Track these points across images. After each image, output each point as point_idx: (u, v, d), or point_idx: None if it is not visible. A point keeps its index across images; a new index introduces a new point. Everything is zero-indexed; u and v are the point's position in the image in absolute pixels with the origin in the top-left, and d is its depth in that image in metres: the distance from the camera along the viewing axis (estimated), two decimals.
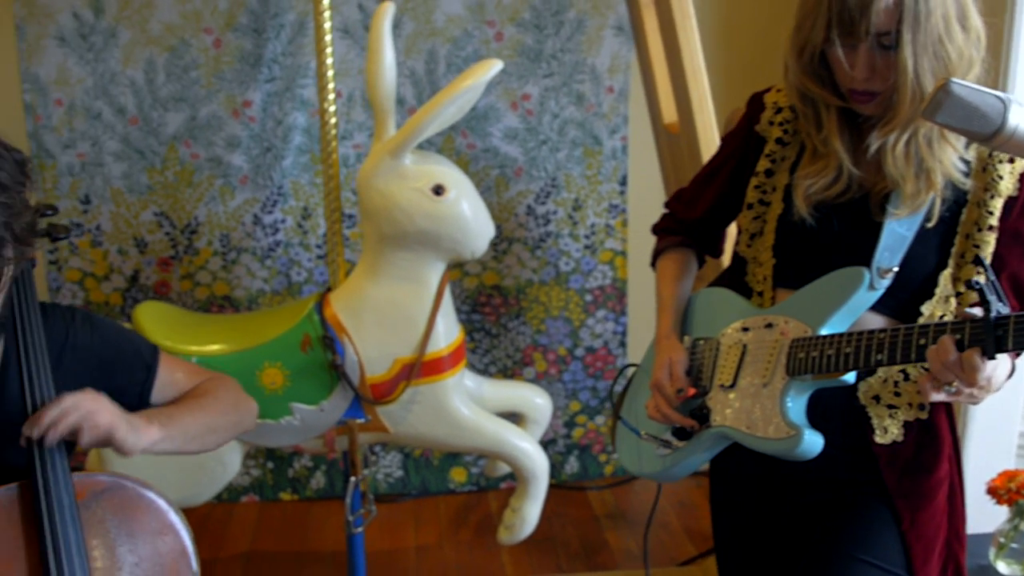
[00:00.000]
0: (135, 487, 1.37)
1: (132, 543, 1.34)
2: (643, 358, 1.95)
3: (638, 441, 1.81)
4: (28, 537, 1.26)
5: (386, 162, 2.20)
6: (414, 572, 2.98)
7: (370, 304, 2.28)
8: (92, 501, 1.32)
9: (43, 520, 1.25)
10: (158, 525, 1.37)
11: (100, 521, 1.32)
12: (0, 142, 1.24)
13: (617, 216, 3.28)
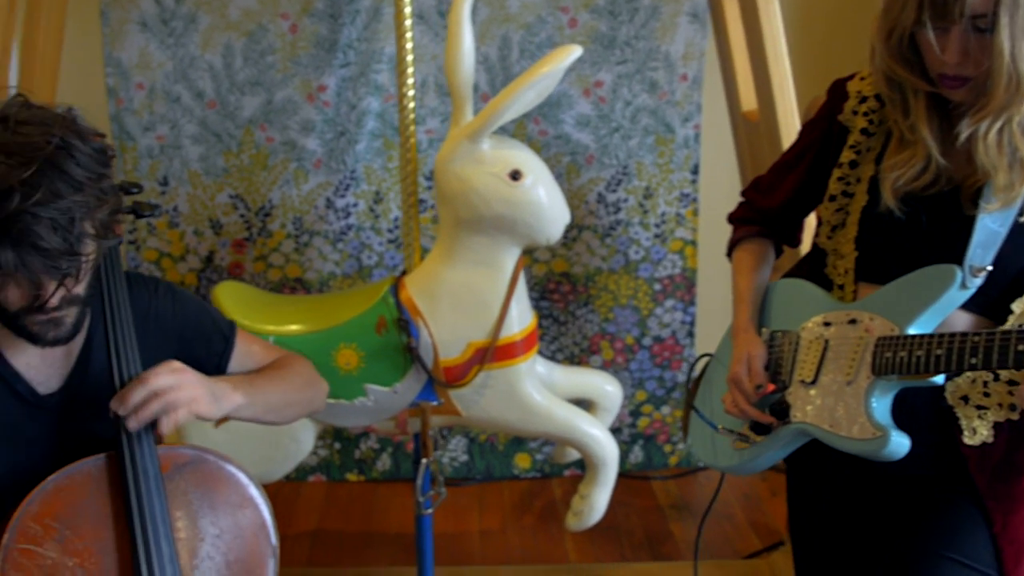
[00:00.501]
0: (216, 460, 1.39)
1: (213, 515, 1.37)
2: (717, 348, 1.93)
3: (713, 433, 1.80)
4: (115, 506, 1.29)
5: (464, 147, 2.21)
6: (478, 556, 3.00)
7: (445, 288, 2.29)
8: (175, 473, 1.35)
9: (130, 490, 1.28)
10: (238, 498, 1.39)
11: (183, 493, 1.35)
12: (79, 129, 1.24)
13: (688, 205, 3.25)
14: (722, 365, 1.84)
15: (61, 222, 1.16)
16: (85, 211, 1.20)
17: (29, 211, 1.14)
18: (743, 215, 1.84)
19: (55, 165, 1.16)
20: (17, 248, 1.15)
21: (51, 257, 1.17)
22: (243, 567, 1.37)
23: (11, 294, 1.21)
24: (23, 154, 1.14)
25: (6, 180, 1.13)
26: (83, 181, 1.19)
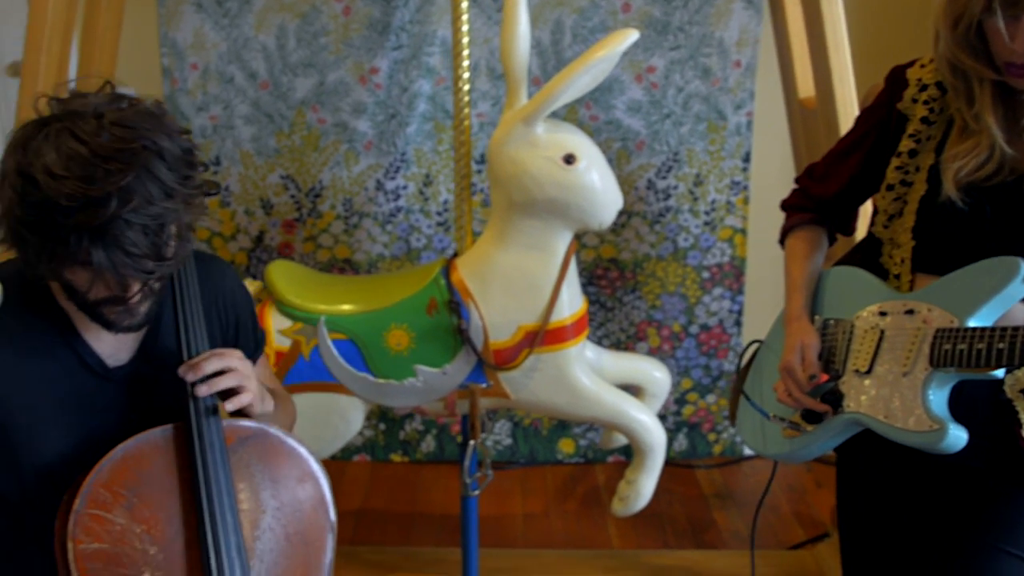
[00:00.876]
0: (278, 435, 1.41)
1: (275, 488, 1.39)
2: (768, 335, 1.92)
3: (763, 421, 1.79)
4: (181, 476, 1.31)
5: (518, 130, 2.21)
6: (521, 539, 3.02)
7: (497, 270, 2.30)
8: (239, 446, 1.37)
9: (196, 460, 1.30)
10: (299, 473, 1.41)
11: (246, 465, 1.37)
12: (169, 128, 1.24)
13: (739, 193, 3.23)
14: (772, 353, 1.83)
15: (152, 227, 1.19)
16: (174, 216, 1.22)
17: (124, 217, 1.16)
18: (797, 202, 1.83)
19: (149, 170, 1.18)
20: (108, 250, 1.17)
21: (139, 260, 1.19)
22: (302, 540, 1.39)
23: (97, 288, 1.24)
24: (120, 159, 1.16)
25: (103, 187, 1.14)
26: (174, 187, 1.21)
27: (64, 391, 1.34)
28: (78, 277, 1.23)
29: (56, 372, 1.33)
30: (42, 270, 1.22)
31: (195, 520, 1.30)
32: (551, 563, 2.81)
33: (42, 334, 1.33)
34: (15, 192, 1.18)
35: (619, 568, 2.77)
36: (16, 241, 1.22)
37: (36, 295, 1.34)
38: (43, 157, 1.15)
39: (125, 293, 1.24)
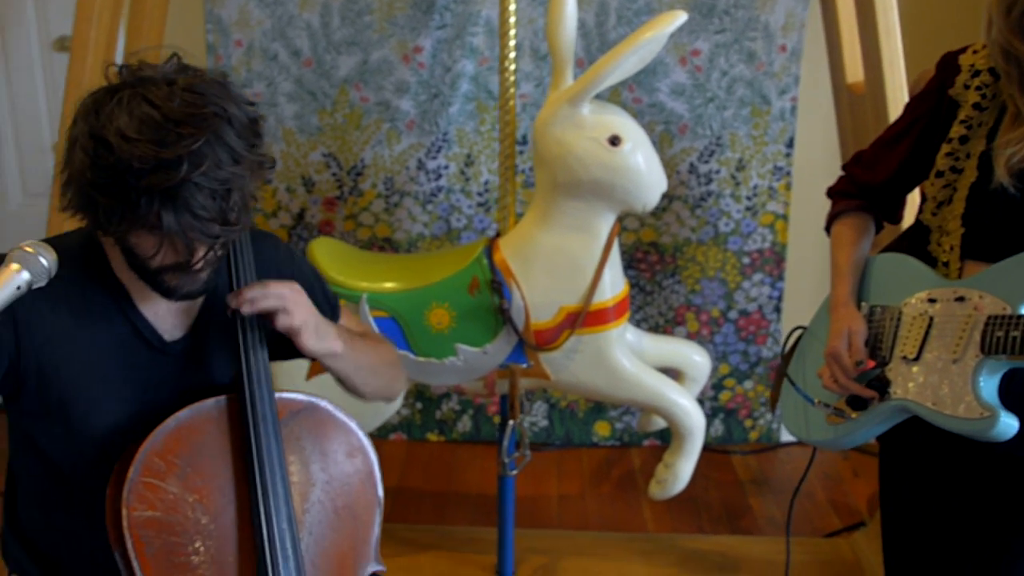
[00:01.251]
0: (329, 409, 1.42)
1: (324, 462, 1.40)
2: (812, 321, 1.91)
3: (806, 407, 1.78)
4: (234, 447, 1.33)
5: (564, 110, 2.21)
6: (556, 520, 3.03)
7: (539, 251, 2.30)
8: (290, 419, 1.38)
9: (249, 431, 1.32)
10: (349, 447, 1.42)
11: (297, 439, 1.38)
12: (235, 97, 1.25)
13: (781, 179, 3.20)
14: (816, 339, 1.82)
15: (220, 192, 1.20)
16: (240, 183, 1.23)
17: (193, 180, 1.17)
18: (844, 189, 1.81)
19: (219, 136, 1.19)
20: (178, 213, 1.18)
21: (207, 224, 1.20)
22: (350, 514, 1.40)
23: (162, 253, 1.25)
24: (191, 124, 1.17)
25: (175, 149, 1.16)
26: (242, 153, 1.22)
27: (120, 363, 1.36)
28: (144, 242, 1.24)
29: (114, 344, 1.35)
30: (111, 233, 1.24)
31: (246, 491, 1.31)
32: (586, 545, 2.82)
33: (101, 306, 1.34)
34: (87, 155, 1.19)
35: (654, 551, 2.78)
36: (85, 204, 1.24)
37: (94, 267, 1.35)
38: (116, 121, 1.17)
39: (190, 258, 1.25)
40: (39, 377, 1.31)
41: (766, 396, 3.42)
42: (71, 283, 1.32)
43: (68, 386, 1.33)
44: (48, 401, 1.33)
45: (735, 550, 2.81)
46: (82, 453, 1.37)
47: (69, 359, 1.32)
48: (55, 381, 1.32)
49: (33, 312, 1.29)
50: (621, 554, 2.76)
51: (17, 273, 1.14)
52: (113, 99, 1.19)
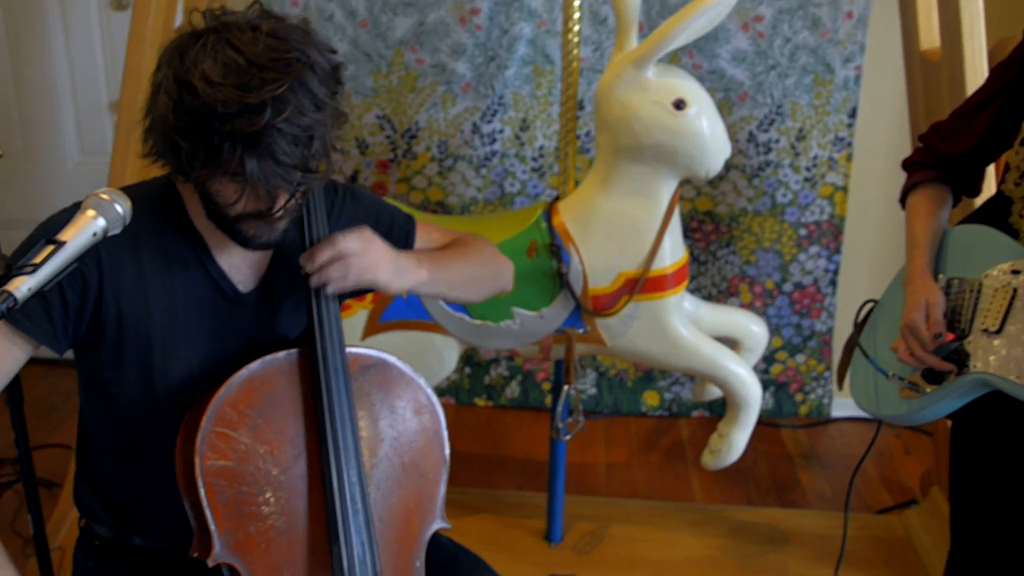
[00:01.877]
0: (398, 365, 1.41)
1: (392, 418, 1.39)
2: (884, 294, 1.87)
3: (876, 381, 1.75)
4: (305, 399, 1.33)
5: (629, 73, 2.17)
6: (604, 487, 3.02)
7: (599, 215, 2.27)
8: (360, 374, 1.37)
9: (321, 384, 1.31)
10: (417, 404, 1.42)
11: (367, 394, 1.38)
12: (318, 43, 1.24)
13: (842, 150, 3.14)
14: (888, 312, 1.78)
15: (302, 138, 1.19)
16: (323, 129, 1.22)
17: (277, 126, 1.16)
18: (921, 160, 1.77)
19: (302, 82, 1.18)
20: (261, 159, 1.18)
21: (289, 170, 1.20)
22: (417, 471, 1.40)
23: (244, 201, 1.25)
24: (276, 69, 1.16)
25: (259, 95, 1.15)
26: (324, 99, 1.21)
27: (197, 313, 1.36)
28: (225, 189, 1.24)
29: (191, 293, 1.35)
30: (192, 179, 1.23)
31: (316, 445, 1.31)
32: (635, 512, 2.80)
33: (179, 255, 1.34)
34: (171, 99, 1.19)
35: (703, 522, 2.76)
36: (168, 150, 1.23)
37: (173, 217, 1.35)
38: (200, 65, 1.16)
39: (271, 206, 1.24)
40: (119, 324, 1.32)
41: (818, 371, 3.38)
42: (151, 232, 1.32)
43: (147, 334, 1.33)
44: (125, 349, 1.33)
45: (784, 523, 2.78)
46: (155, 403, 1.37)
47: (148, 307, 1.32)
48: (134, 329, 1.32)
49: (116, 259, 1.29)
50: (669, 523, 2.75)
51: (93, 220, 1.14)
52: (197, 44, 1.18)
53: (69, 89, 3.39)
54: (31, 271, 1.09)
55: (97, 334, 1.31)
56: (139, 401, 1.37)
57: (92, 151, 3.44)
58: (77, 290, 1.28)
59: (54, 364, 1.39)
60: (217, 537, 1.25)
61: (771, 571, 2.54)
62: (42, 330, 1.27)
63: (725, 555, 2.61)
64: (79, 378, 1.45)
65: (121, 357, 1.33)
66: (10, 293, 1.07)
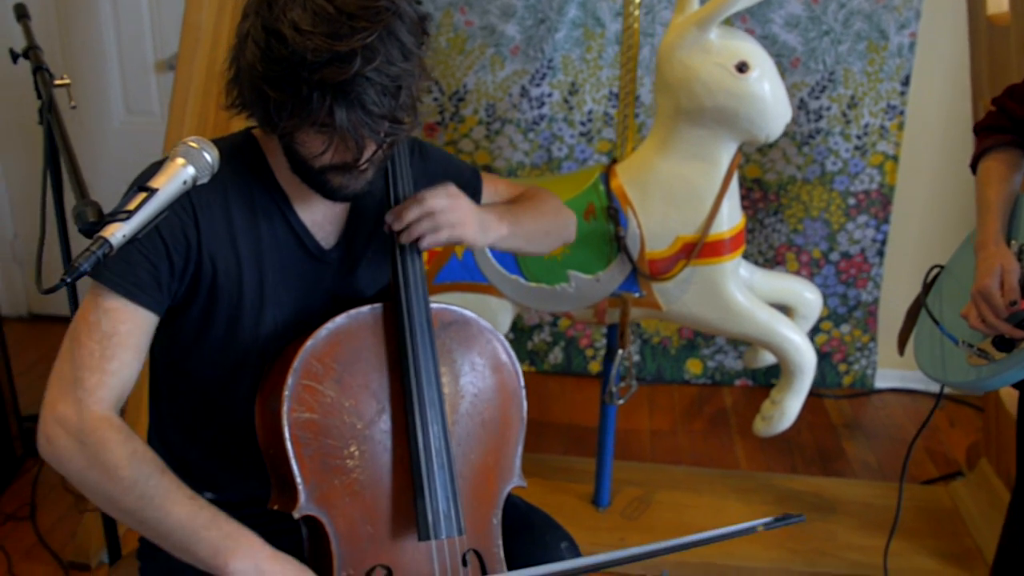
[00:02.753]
0: (479, 323, 1.41)
1: (473, 375, 1.39)
2: (950, 260, 1.85)
3: (943, 348, 1.73)
4: (390, 354, 1.32)
5: (691, 34, 2.14)
6: (649, 454, 3.02)
7: (658, 179, 2.25)
8: (442, 331, 1.37)
9: (406, 338, 1.31)
10: (496, 362, 1.41)
11: (448, 351, 1.37)
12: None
13: (894, 118, 3.10)
14: (955, 279, 1.76)
15: (390, 88, 1.17)
16: (411, 79, 1.20)
17: (366, 75, 1.15)
18: (994, 123, 1.74)
19: (391, 31, 1.16)
20: (350, 109, 1.16)
21: (378, 120, 1.18)
22: (496, 428, 1.39)
23: (331, 152, 1.23)
24: (365, 18, 1.14)
25: (349, 43, 1.13)
26: (412, 49, 1.19)
27: (283, 268, 1.35)
28: (312, 140, 1.22)
29: (276, 248, 1.34)
30: (280, 130, 1.22)
31: (401, 399, 1.30)
32: (681, 479, 2.80)
33: (264, 210, 1.33)
34: (259, 48, 1.17)
35: (750, 489, 2.76)
36: (255, 100, 1.22)
37: (257, 170, 1.34)
38: (290, 13, 1.15)
39: (358, 157, 1.23)
40: (213, 283, 1.31)
41: (863, 341, 3.36)
42: (237, 185, 1.31)
43: (237, 292, 1.32)
44: (216, 309, 1.32)
45: (830, 491, 2.78)
46: (237, 362, 1.36)
47: (239, 263, 1.31)
48: (226, 287, 1.31)
49: (210, 217, 1.28)
50: (716, 489, 2.75)
51: (183, 167, 1.13)
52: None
53: (115, 48, 3.38)
54: (125, 218, 1.09)
55: (192, 295, 1.31)
56: (220, 360, 1.36)
57: (138, 110, 3.44)
58: (181, 251, 1.26)
59: None
60: (303, 489, 1.25)
61: (820, 539, 2.54)
62: (153, 298, 1.25)
63: None
64: (154, 342, 1.43)
65: (210, 315, 1.32)
66: (105, 239, 1.07)
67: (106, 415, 1.19)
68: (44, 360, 3.46)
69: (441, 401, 1.32)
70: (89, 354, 1.20)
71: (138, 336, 1.24)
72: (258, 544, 1.20)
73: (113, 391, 1.21)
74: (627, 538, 2.52)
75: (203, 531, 1.18)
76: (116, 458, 1.17)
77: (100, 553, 2.44)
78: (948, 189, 3.20)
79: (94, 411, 1.18)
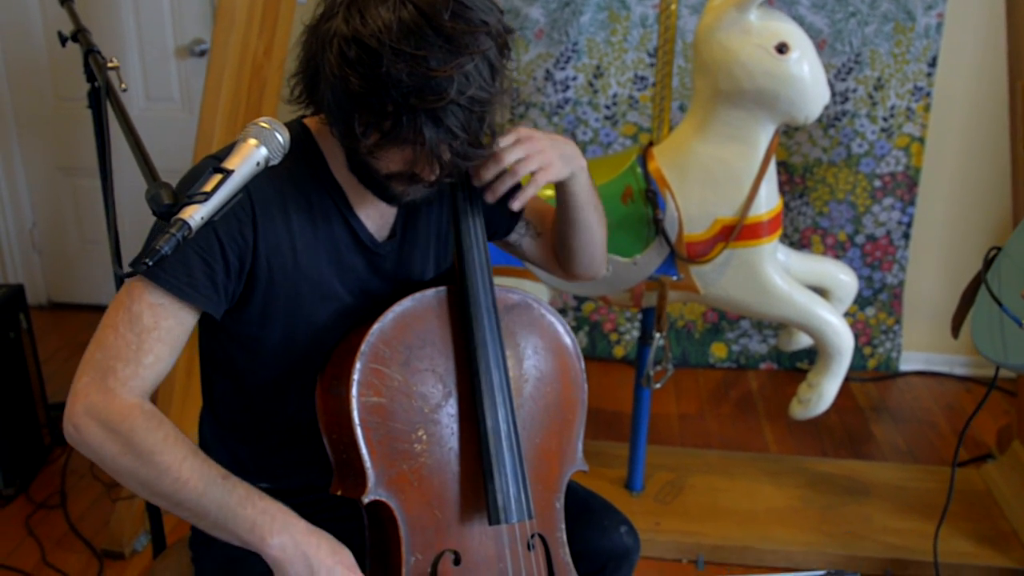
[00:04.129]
0: (540, 307, 1.39)
1: (536, 358, 1.38)
2: (1008, 242, 1.83)
3: (1003, 328, 1.71)
4: (455, 337, 1.31)
5: (731, 15, 2.12)
6: (678, 438, 3.01)
7: (696, 161, 2.24)
8: (505, 314, 1.35)
9: (471, 320, 1.29)
10: (558, 347, 1.40)
11: (511, 334, 1.36)
12: (493, 5, 1.17)
13: (920, 99, 3.09)
14: (1012, 260, 1.74)
15: (477, 114, 1.14)
16: (495, 107, 1.18)
17: (460, 101, 1.11)
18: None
19: (485, 55, 1.13)
20: (438, 129, 1.13)
21: (460, 144, 1.15)
22: (559, 411, 1.38)
23: (404, 162, 1.19)
24: (463, 43, 1.10)
25: (446, 70, 1.09)
26: (499, 69, 1.16)
27: (340, 264, 1.33)
28: (390, 156, 1.19)
29: (334, 246, 1.32)
30: (361, 147, 1.17)
31: (467, 383, 1.29)
32: (713, 463, 2.80)
33: (321, 207, 1.30)
34: (346, 59, 1.12)
35: (781, 472, 2.75)
36: (337, 111, 1.17)
37: (313, 166, 1.31)
38: (380, 23, 1.09)
39: (435, 173, 1.19)
40: (270, 281, 1.28)
41: (888, 324, 3.35)
42: (294, 185, 1.28)
43: (295, 291, 1.30)
44: (273, 307, 1.30)
45: (862, 474, 2.77)
46: (295, 357, 1.34)
47: (297, 262, 1.29)
48: (283, 286, 1.29)
49: (269, 217, 1.25)
50: (748, 472, 2.74)
51: (256, 148, 1.12)
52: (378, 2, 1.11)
53: (135, 35, 3.36)
54: (203, 199, 1.07)
55: (248, 294, 1.28)
56: (279, 358, 1.34)
57: (158, 97, 3.42)
58: (236, 251, 1.23)
59: None
60: (372, 474, 1.24)
61: (855, 521, 2.53)
62: (207, 297, 1.22)
63: (807, 506, 2.60)
64: (205, 342, 1.42)
65: (268, 315, 1.30)
66: (184, 221, 1.06)
67: (137, 402, 1.18)
68: (65, 348, 3.45)
69: (508, 384, 1.30)
70: (126, 345, 1.19)
71: (178, 333, 1.22)
72: (294, 519, 1.20)
73: (146, 382, 1.20)
74: (662, 522, 2.52)
75: (239, 509, 1.18)
76: (150, 444, 1.16)
77: (134, 541, 2.43)
78: (975, 171, 3.19)
79: (125, 400, 1.18)
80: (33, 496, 2.65)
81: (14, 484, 2.64)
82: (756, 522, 2.54)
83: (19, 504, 2.62)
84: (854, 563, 2.41)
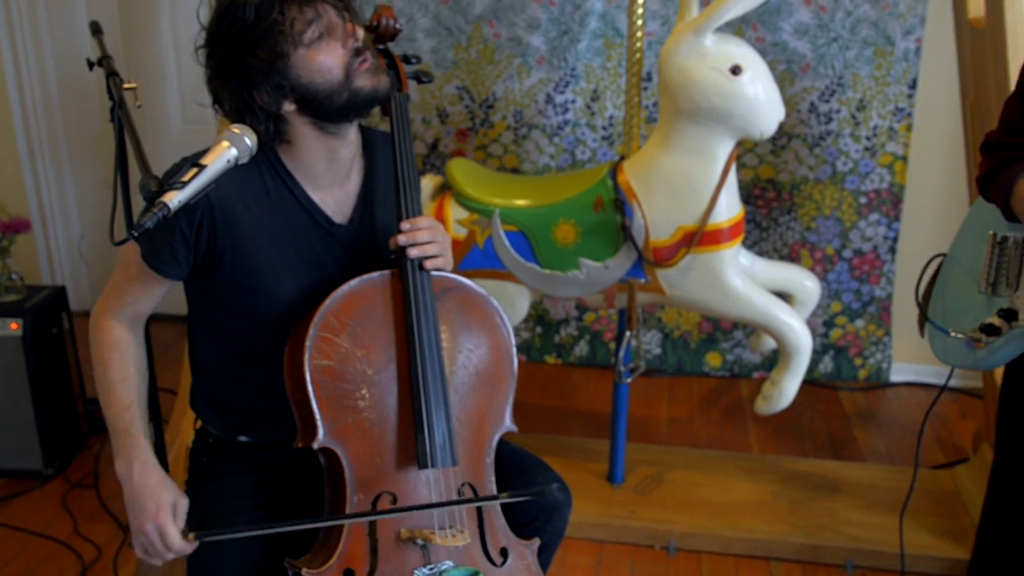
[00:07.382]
0: (474, 289, 1.62)
1: (469, 333, 1.60)
2: (951, 247, 1.92)
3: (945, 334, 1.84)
4: (396, 313, 1.54)
5: (688, 40, 2.33)
6: (665, 438, 3.19)
7: (661, 173, 2.44)
8: (442, 295, 1.59)
9: (411, 300, 1.52)
10: (490, 323, 1.62)
11: (447, 312, 1.59)
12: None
13: (902, 120, 3.25)
14: (957, 264, 1.86)
15: None
16: None
17: None
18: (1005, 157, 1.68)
19: None
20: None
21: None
22: (488, 379, 1.61)
23: (335, 52, 1.48)
24: None
25: None
26: None
27: (300, 244, 1.58)
28: (323, 47, 1.46)
29: (293, 227, 1.58)
30: (291, 61, 1.46)
31: (406, 351, 1.52)
32: (693, 460, 2.97)
33: (277, 195, 1.57)
34: (229, 23, 1.45)
35: (758, 470, 2.91)
36: (257, 67, 1.48)
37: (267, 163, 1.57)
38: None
39: (356, 38, 1.48)
40: (233, 255, 1.54)
41: (877, 335, 3.50)
42: (251, 176, 1.55)
43: (255, 264, 1.56)
44: (239, 276, 1.56)
45: (836, 473, 2.92)
46: (263, 323, 1.60)
47: (256, 240, 1.55)
48: (244, 260, 1.55)
49: (227, 202, 1.52)
50: (725, 470, 2.91)
51: (228, 149, 1.37)
52: None
53: (173, 60, 3.66)
54: (180, 187, 1.33)
55: (214, 265, 1.55)
56: (248, 321, 1.61)
57: (193, 120, 3.72)
58: (193, 232, 1.52)
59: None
60: (321, 425, 1.47)
61: (820, 515, 2.68)
62: (166, 264, 1.54)
63: (776, 500, 2.76)
64: (191, 309, 1.71)
65: (236, 282, 1.57)
66: (165, 203, 1.31)
67: (112, 324, 1.61)
68: None
69: (439, 352, 1.53)
70: (116, 285, 1.62)
71: (152, 286, 1.60)
72: (143, 456, 1.55)
73: (126, 313, 1.62)
74: (638, 511, 2.70)
75: (120, 431, 1.56)
76: (99, 351, 1.60)
77: None
78: (957, 187, 3.34)
79: (107, 320, 1.61)
80: (70, 476, 2.93)
81: (53, 465, 2.92)
82: (728, 513, 2.71)
83: (57, 483, 2.90)
84: (817, 552, 2.57)
